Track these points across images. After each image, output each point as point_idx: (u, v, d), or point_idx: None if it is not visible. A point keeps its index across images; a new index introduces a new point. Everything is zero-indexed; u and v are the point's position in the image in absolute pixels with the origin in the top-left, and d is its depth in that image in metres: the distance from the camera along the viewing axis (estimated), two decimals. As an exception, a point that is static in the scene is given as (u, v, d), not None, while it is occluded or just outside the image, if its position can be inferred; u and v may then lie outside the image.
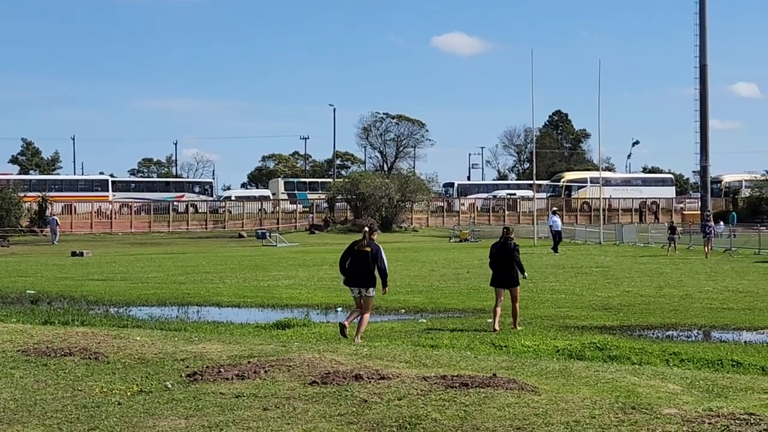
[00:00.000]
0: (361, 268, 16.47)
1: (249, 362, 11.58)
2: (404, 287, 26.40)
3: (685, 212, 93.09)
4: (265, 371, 10.95)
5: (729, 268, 33.59)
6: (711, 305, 21.20)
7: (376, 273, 16.57)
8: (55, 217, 71.08)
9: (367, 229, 16.92)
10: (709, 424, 8.25)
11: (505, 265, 18.13)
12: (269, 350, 12.80)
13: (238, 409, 9.15)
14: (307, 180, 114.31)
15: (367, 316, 16.36)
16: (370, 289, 16.41)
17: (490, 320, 18.81)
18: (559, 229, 49.46)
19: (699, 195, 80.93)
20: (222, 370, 11.08)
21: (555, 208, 61.56)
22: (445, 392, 9.65)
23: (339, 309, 21.89)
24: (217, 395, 9.79)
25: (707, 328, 17.79)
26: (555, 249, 46.32)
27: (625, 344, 14.87)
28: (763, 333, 17.07)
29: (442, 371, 10.95)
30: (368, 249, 16.51)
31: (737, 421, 8.31)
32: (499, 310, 17.79)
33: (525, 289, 25.08)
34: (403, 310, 21.33)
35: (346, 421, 8.59)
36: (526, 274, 18.54)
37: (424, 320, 18.84)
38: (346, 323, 16.10)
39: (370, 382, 10.24)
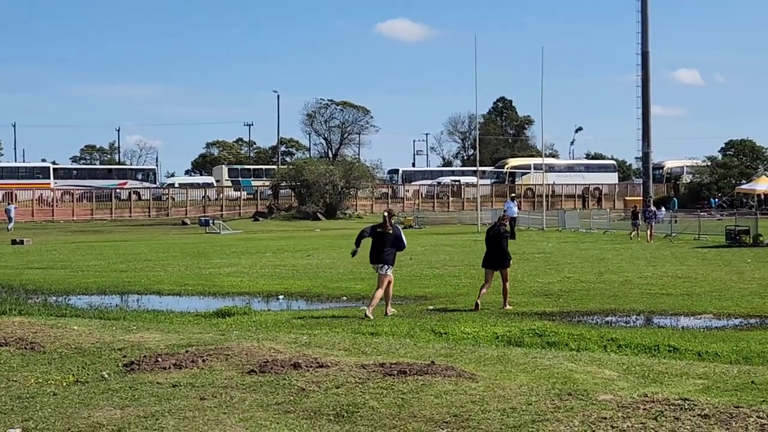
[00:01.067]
0: (382, 248, 18.26)
1: (187, 351, 11.53)
2: (347, 274, 26.34)
3: (627, 198, 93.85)
4: (203, 360, 10.91)
5: (669, 253, 33.89)
6: (650, 291, 21.35)
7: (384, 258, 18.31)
8: (13, 206, 70.42)
9: (386, 214, 18.80)
10: (643, 409, 8.32)
11: (497, 248, 19.52)
12: (208, 339, 12.75)
13: (174, 398, 9.11)
14: (252, 167, 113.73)
15: (379, 291, 17.91)
16: (388, 269, 18.13)
17: (431, 306, 18.90)
18: (515, 215, 48.86)
19: (641, 181, 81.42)
20: (159, 359, 11.02)
21: (513, 195, 61.53)
22: (383, 380, 9.67)
23: (281, 297, 21.81)
24: (153, 385, 9.75)
25: (646, 313, 17.87)
26: (511, 236, 46.02)
27: (563, 330, 14.92)
28: (700, 318, 17.21)
29: (380, 359, 10.98)
30: (390, 231, 18.37)
31: (671, 407, 8.39)
32: (485, 290, 19.01)
33: (467, 276, 25.26)
34: (344, 298, 21.29)
35: (284, 410, 8.59)
36: (510, 262, 19.65)
37: (365, 307, 18.80)
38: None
39: (308, 370, 10.24)
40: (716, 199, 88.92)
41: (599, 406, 8.43)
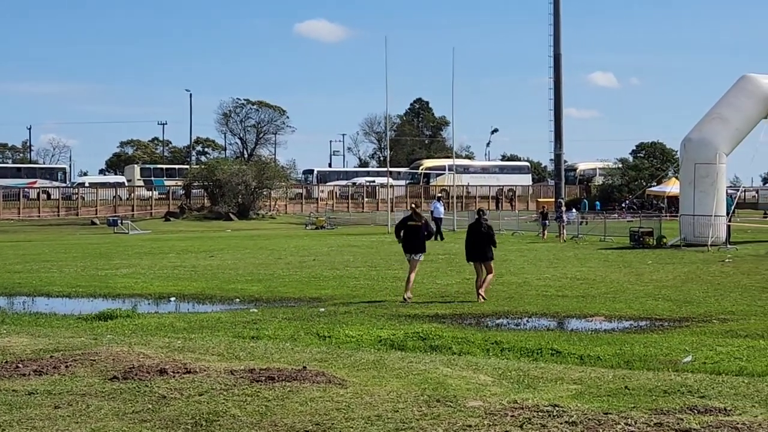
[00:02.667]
0: (414, 238, 20.95)
1: (52, 357, 11.10)
2: (245, 276, 25.98)
3: (540, 199, 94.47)
4: (67, 366, 10.48)
5: (572, 255, 34.01)
6: (546, 293, 21.29)
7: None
8: None
9: (413, 206, 22.04)
10: (511, 416, 8.13)
11: (479, 243, 21.03)
12: (77, 344, 12.30)
13: (27, 407, 8.68)
14: (164, 166, 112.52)
15: (413, 275, 20.64)
16: (421, 255, 21.05)
17: (322, 309, 18.57)
18: (441, 216, 48.17)
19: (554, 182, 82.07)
20: (20, 365, 10.57)
21: (440, 195, 60.98)
22: (250, 386, 9.37)
23: (172, 299, 21.36)
24: (8, 393, 9.30)
25: (537, 315, 17.73)
26: (439, 236, 45.37)
27: (448, 333, 14.69)
28: (590, 321, 17.14)
29: (252, 364, 10.65)
30: (419, 223, 21.09)
31: (540, 414, 8.22)
32: (480, 281, 20.55)
33: (367, 278, 25.04)
34: (237, 300, 20.88)
35: (140, 419, 8.23)
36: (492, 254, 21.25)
37: (256, 310, 18.44)
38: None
39: (174, 376, 9.88)
40: (626, 201, 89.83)
41: (467, 413, 8.21)
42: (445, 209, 54.95)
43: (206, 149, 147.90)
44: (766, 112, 39.69)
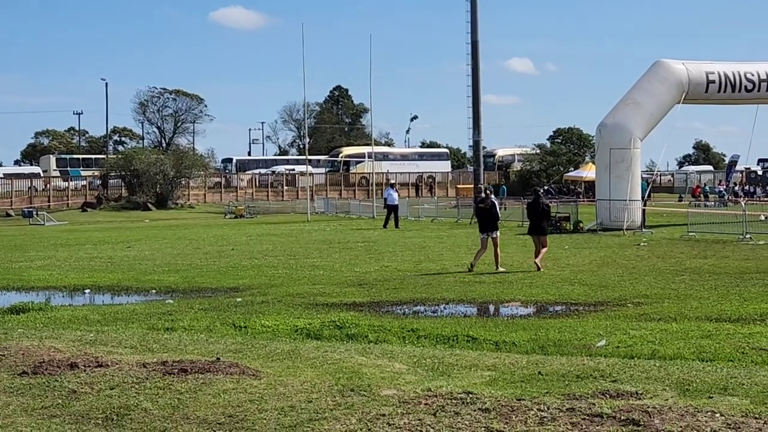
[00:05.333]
0: (486, 219, 23.97)
1: (-41, 353, 10.84)
2: (162, 266, 25.70)
3: (459, 186, 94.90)
4: (-26, 363, 10.25)
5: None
6: (464, 279, 21.35)
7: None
8: None
9: (482, 186, 26.47)
10: (425, 404, 8.13)
11: (536, 219, 24.26)
12: (-14, 339, 12.05)
13: (-68, 406, 8.48)
14: (81, 156, 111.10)
15: (482, 251, 23.60)
16: (495, 232, 23.77)
17: (240, 299, 18.39)
18: (395, 203, 45.98)
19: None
20: (-74, 363, 10.32)
21: (393, 182, 60.33)
22: (163, 379, 9.25)
23: (87, 291, 21.03)
24: None
25: (455, 302, 17.75)
26: (395, 224, 44.39)
27: (365, 322, 14.63)
28: (507, 306, 17.23)
29: (166, 356, 10.53)
30: (486, 206, 24.07)
31: (453, 401, 8.23)
32: (537, 252, 23.61)
33: (285, 266, 24.90)
34: (154, 291, 20.62)
35: (49, 415, 8.09)
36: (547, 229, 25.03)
37: (172, 301, 18.22)
38: (474, 262, 23.31)
39: (85, 370, 9.73)
40: (545, 187, 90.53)
41: (380, 402, 8.19)
42: (367, 197, 54.51)
43: (123, 139, 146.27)
44: (680, 96, 40.24)
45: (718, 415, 7.59)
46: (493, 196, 25.43)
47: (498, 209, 24.68)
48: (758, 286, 18.98)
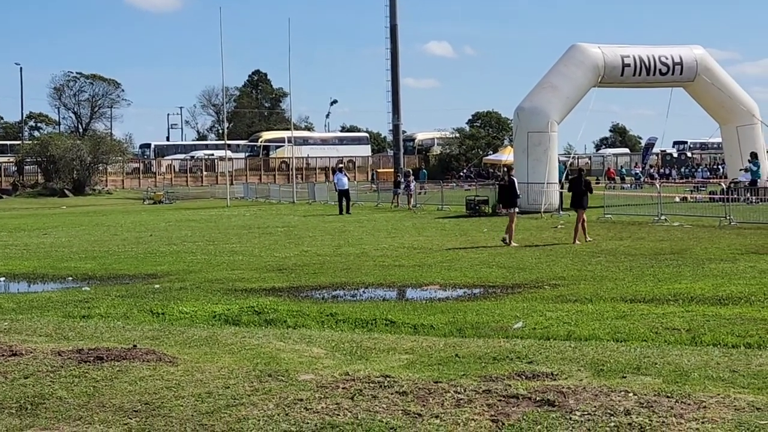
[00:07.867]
0: (507, 195, 26.53)
1: None
2: (79, 253, 25.39)
3: (378, 170, 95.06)
4: None
5: (410, 224, 34.31)
6: (384, 263, 21.39)
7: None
8: None
9: (506, 169, 31.30)
10: (342, 388, 8.15)
11: (578, 193, 25.97)
12: None
13: None
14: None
15: (513, 225, 25.61)
16: (511, 209, 26.08)
17: (157, 285, 18.20)
18: (345, 187, 44.94)
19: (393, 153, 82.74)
20: None
21: (341, 165, 59.11)
22: (78, 367, 9.16)
23: (2, 279, 20.69)
24: None
25: (374, 286, 17.75)
26: (347, 210, 43.10)
27: (283, 307, 14.59)
28: (426, 290, 17.29)
29: (81, 344, 10.42)
30: (506, 184, 26.76)
31: (371, 384, 8.26)
32: (578, 226, 25.48)
33: (204, 252, 24.75)
34: (70, 278, 20.33)
35: (-41, 407, 7.95)
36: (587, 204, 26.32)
37: (88, 288, 18.00)
38: (506, 236, 25.33)
39: (-2, 359, 9.58)
40: (464, 170, 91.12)
41: (298, 387, 8.20)
42: (287, 182, 54.27)
43: (39, 124, 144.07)
44: (596, 80, 40.74)
45: (631, 394, 7.72)
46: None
47: (516, 186, 26.74)
48: (672, 266, 19.26)
